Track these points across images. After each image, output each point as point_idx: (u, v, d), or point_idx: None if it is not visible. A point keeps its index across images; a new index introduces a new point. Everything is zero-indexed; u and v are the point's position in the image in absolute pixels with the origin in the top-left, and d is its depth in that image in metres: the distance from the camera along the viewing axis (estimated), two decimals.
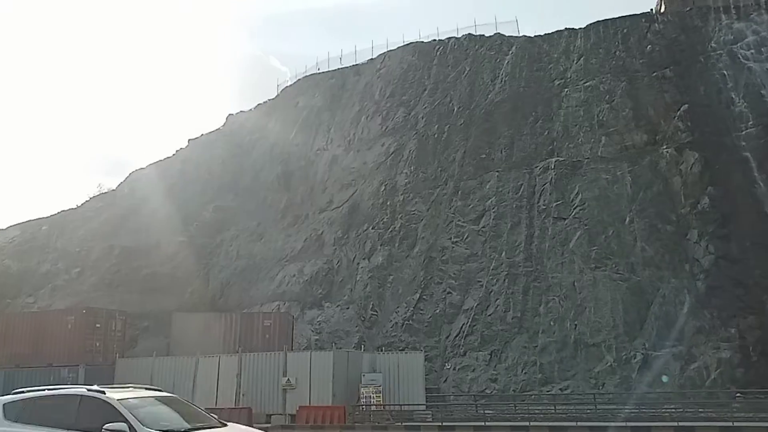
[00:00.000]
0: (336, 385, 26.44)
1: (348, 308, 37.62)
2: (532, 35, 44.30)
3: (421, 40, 50.20)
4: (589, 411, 23.90)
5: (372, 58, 52.29)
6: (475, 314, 33.12)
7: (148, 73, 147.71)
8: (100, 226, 53.35)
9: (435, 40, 49.07)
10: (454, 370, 31.54)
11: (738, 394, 23.68)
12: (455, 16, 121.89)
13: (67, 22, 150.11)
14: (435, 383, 30.17)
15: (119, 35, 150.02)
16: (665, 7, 40.98)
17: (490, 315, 32.81)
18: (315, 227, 43.97)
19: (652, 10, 41.84)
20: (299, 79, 58.60)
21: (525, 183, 36.95)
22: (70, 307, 36.37)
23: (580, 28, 42.10)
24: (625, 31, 40.15)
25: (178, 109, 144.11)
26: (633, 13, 41.11)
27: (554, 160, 36.79)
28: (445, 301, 34.82)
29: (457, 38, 47.84)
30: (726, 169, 32.13)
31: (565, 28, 42.98)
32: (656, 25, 39.67)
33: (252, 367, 28.10)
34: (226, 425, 8.48)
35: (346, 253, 40.94)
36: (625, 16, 41.10)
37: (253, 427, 24.20)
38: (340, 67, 54.33)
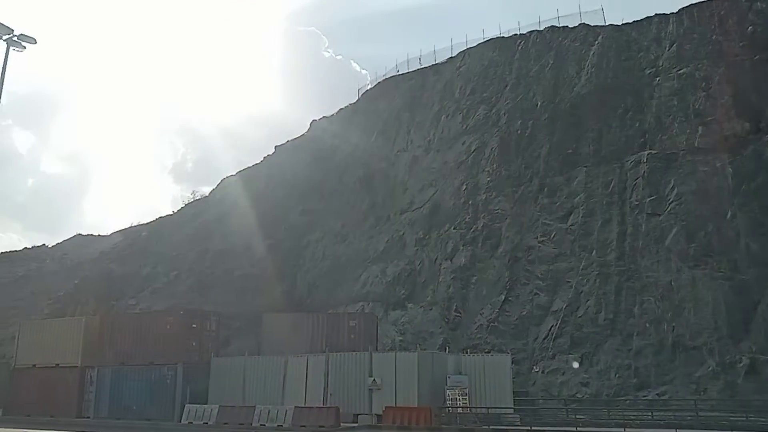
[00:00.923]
0: (421, 387, 26.38)
1: (431, 309, 37.45)
2: (620, 23, 42.35)
3: (502, 36, 49.24)
4: (689, 418, 22.57)
5: (452, 57, 51.86)
6: (564, 316, 32.03)
7: (234, 86, 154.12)
8: (194, 232, 56.15)
9: (516, 35, 48.00)
10: (543, 373, 30.63)
11: None
12: (537, 9, 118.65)
13: (157, 31, 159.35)
14: (522, 386, 29.41)
15: (207, 47, 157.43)
16: None
17: (580, 316, 31.62)
18: (397, 228, 44.13)
19: None
20: (379, 82, 59.17)
21: (615, 178, 35.34)
22: (168, 309, 38.43)
23: (672, 13, 39.70)
24: (723, 12, 37.45)
25: (265, 116, 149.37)
26: None
27: (647, 153, 34.93)
28: (532, 303, 33.91)
29: (539, 31, 46.53)
30: None
31: (655, 14, 40.67)
32: (758, 4, 36.75)
33: (339, 366, 28.57)
34: None
35: (427, 253, 40.80)
36: None
37: (340, 426, 24.58)
38: (420, 68, 54.27)
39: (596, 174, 36.20)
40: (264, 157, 64.96)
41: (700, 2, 38.83)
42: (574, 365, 29.63)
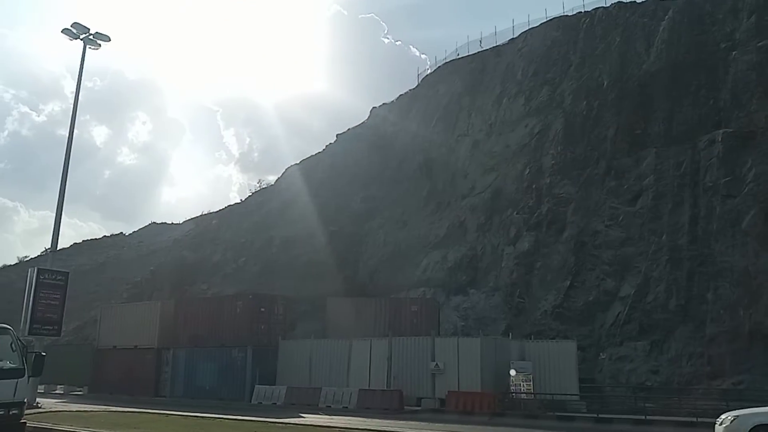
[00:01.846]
0: (484, 372, 26.34)
1: (494, 295, 37.16)
2: None
3: (566, 14, 47.78)
4: None
5: (513, 38, 50.71)
6: (632, 302, 31.11)
7: (296, 76, 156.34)
8: (261, 219, 57.75)
9: (581, 13, 46.41)
10: (610, 360, 29.92)
11: None
12: None
13: (220, 24, 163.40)
14: (589, 374, 28.83)
15: (269, 38, 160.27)
16: None
17: (649, 303, 30.61)
18: (458, 214, 43.88)
19: None
20: (439, 67, 58.61)
21: (687, 159, 33.78)
22: (238, 293, 39.78)
23: None
24: None
25: (326, 105, 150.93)
26: None
27: (721, 131, 33.16)
28: (598, 288, 33.09)
29: (605, 8, 44.84)
30: None
31: None
32: None
33: (401, 351, 28.86)
34: None
35: (489, 239, 40.40)
36: None
37: (404, 409, 24.86)
38: (480, 50, 53.36)
39: (667, 155, 34.73)
40: (326, 146, 65.88)
41: None
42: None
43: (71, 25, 26.87)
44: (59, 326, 25.69)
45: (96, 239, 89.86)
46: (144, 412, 21.41)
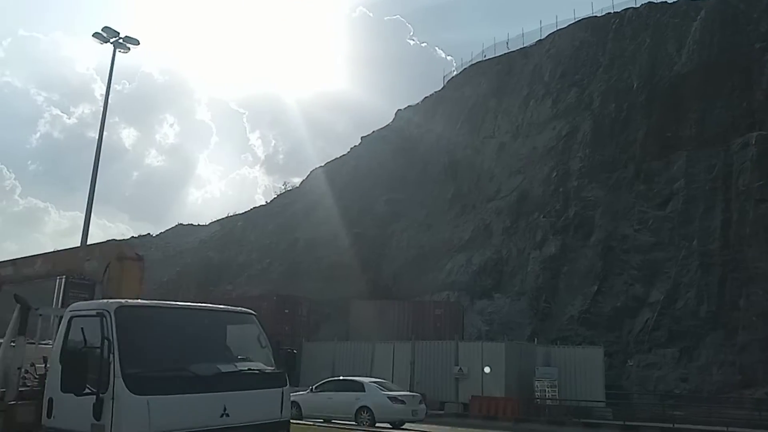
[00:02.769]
0: (508, 377, 26.03)
1: (519, 299, 36.71)
2: None
3: (595, 15, 47.20)
4: None
5: (540, 39, 50.23)
6: (661, 308, 30.47)
7: (321, 78, 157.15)
8: (286, 221, 58.07)
9: (610, 13, 45.82)
10: (638, 367, 29.33)
11: None
12: None
13: (245, 27, 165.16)
14: (615, 380, 28.29)
15: (294, 40, 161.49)
16: None
17: (679, 309, 29.95)
18: (483, 217, 43.51)
19: None
20: (465, 69, 58.31)
21: (720, 162, 33.01)
22: (262, 294, 39.94)
23: None
24: None
25: (351, 107, 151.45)
26: None
27: (755, 134, 32.32)
28: (626, 294, 32.48)
29: (635, 8, 44.21)
30: None
31: None
32: None
33: (425, 354, 28.67)
34: None
35: (515, 242, 39.95)
36: None
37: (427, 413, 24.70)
38: (507, 52, 52.96)
39: (698, 158, 33.98)
40: (350, 148, 65.99)
41: None
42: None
43: (101, 29, 27.24)
44: None
45: (125, 239, 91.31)
46: None
